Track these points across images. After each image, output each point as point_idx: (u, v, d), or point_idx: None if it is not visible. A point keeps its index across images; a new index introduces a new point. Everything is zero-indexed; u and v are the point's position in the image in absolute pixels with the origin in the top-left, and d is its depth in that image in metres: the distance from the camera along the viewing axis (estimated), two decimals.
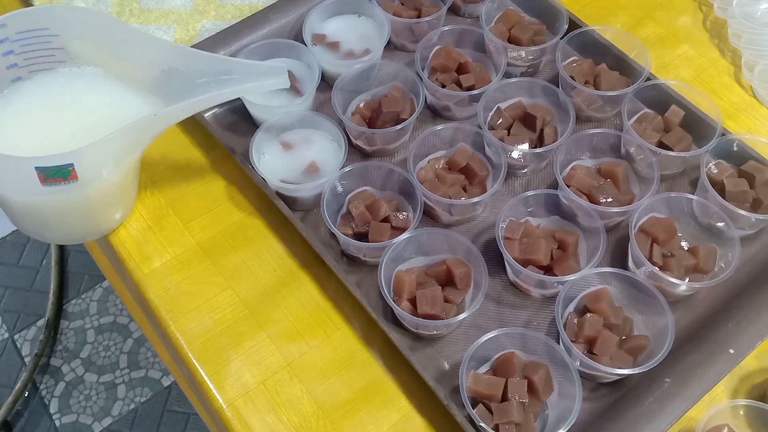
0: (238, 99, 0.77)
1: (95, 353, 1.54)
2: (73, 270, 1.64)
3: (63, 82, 0.67)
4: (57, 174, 0.56)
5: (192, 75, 0.66)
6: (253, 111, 0.78)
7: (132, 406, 1.47)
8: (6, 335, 1.56)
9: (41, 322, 1.56)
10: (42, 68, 0.66)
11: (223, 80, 0.67)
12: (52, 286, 1.59)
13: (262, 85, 0.69)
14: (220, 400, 0.63)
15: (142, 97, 0.67)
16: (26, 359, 1.52)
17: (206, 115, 0.80)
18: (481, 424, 0.57)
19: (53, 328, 1.56)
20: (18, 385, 1.46)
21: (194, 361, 0.66)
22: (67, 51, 0.66)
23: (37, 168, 0.55)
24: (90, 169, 0.59)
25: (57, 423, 1.45)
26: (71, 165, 0.56)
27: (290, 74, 0.79)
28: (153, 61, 0.67)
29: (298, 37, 0.82)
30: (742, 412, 0.61)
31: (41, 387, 1.50)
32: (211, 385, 0.64)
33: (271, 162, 0.74)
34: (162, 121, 0.64)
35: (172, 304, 0.68)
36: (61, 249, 1.64)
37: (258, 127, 0.74)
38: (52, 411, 1.47)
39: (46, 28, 0.63)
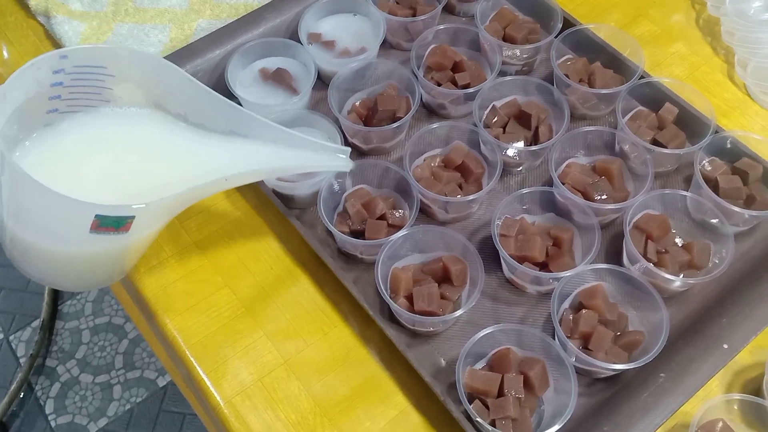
0: (234, 97, 0.77)
1: (91, 354, 1.53)
2: None
3: (111, 123, 0.62)
4: (113, 224, 0.51)
5: (254, 142, 0.63)
6: (249, 109, 0.78)
7: (128, 406, 1.47)
8: (1, 336, 1.56)
9: (36, 323, 1.56)
10: (84, 105, 0.61)
11: (288, 155, 0.63)
12: (47, 287, 1.59)
13: (325, 167, 0.67)
14: (218, 398, 0.64)
15: (199, 142, 0.63)
16: (21, 360, 1.52)
17: None
18: (477, 419, 0.58)
19: (48, 329, 1.56)
20: (13, 386, 1.46)
21: (192, 359, 0.66)
22: (114, 92, 0.61)
23: (96, 215, 0.50)
24: (144, 222, 0.55)
25: (53, 424, 1.45)
26: (132, 217, 0.52)
27: (285, 73, 0.79)
28: (214, 121, 0.63)
29: (294, 36, 0.82)
30: (736, 407, 0.62)
31: (37, 388, 1.49)
32: (208, 383, 0.64)
33: None
34: (229, 185, 0.60)
35: (169, 303, 0.68)
36: None
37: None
38: (47, 412, 1.46)
39: (104, 66, 0.59)
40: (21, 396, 1.47)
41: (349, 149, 0.66)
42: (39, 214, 0.54)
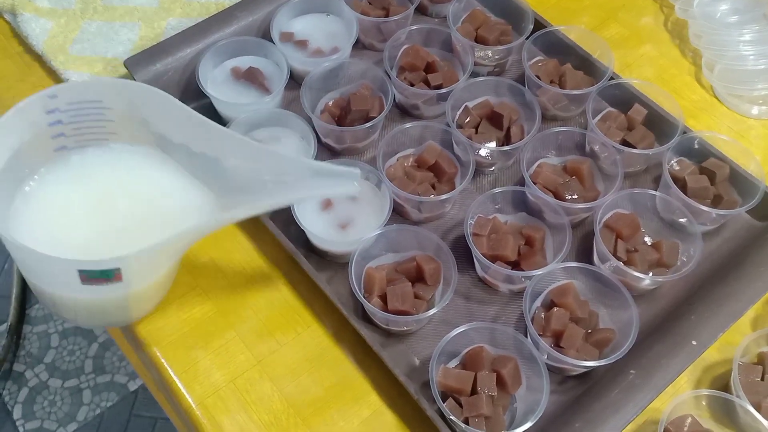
0: (205, 96, 0.76)
1: (59, 358, 1.51)
2: None
3: (112, 160, 0.61)
4: (101, 276, 0.51)
5: (257, 171, 0.60)
6: (221, 108, 0.78)
7: (98, 411, 1.45)
8: None
9: (3, 327, 1.53)
10: (91, 140, 0.60)
11: (288, 182, 0.60)
12: (14, 291, 1.56)
13: (334, 192, 0.64)
14: (190, 400, 0.63)
15: (194, 185, 0.61)
16: None
17: None
18: (451, 417, 0.58)
19: (16, 333, 1.52)
20: None
21: (162, 360, 0.65)
22: (116, 124, 0.60)
23: (79, 270, 0.50)
24: (137, 271, 0.54)
25: (21, 429, 1.42)
26: (118, 269, 0.51)
27: (257, 72, 0.79)
28: (214, 152, 0.60)
29: (266, 35, 0.82)
30: (704, 402, 0.62)
31: (4, 393, 1.46)
32: (180, 385, 0.64)
33: None
34: (223, 223, 0.59)
35: None
36: None
37: (226, 125, 0.74)
38: (15, 417, 1.44)
39: (99, 100, 0.57)
40: None
41: (358, 171, 0.61)
42: (37, 268, 0.54)
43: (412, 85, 0.79)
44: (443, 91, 0.77)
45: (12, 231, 0.51)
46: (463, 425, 0.58)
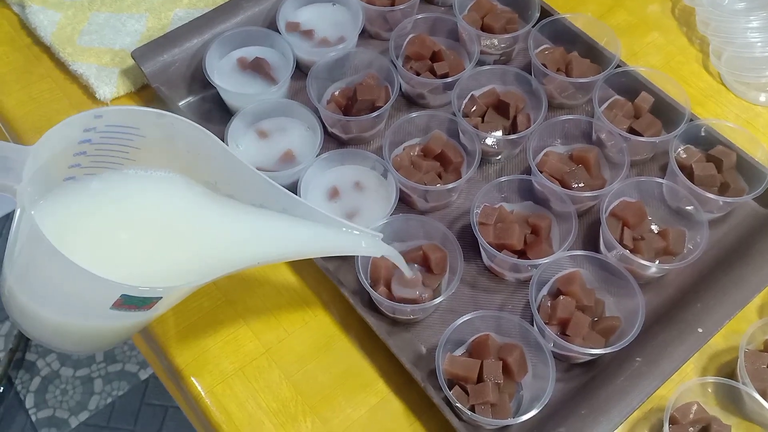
0: (212, 86, 0.77)
1: None
2: None
3: (135, 187, 0.57)
4: (137, 303, 0.48)
5: (285, 219, 0.59)
6: (227, 98, 0.78)
7: (109, 399, 1.47)
8: None
9: None
10: (108, 163, 0.56)
11: (321, 236, 0.59)
12: None
13: (357, 251, 0.62)
14: (199, 388, 0.64)
15: (226, 214, 0.58)
16: (0, 355, 1.51)
17: (180, 103, 0.80)
18: (457, 405, 0.58)
19: None
20: None
21: (173, 349, 0.66)
22: (141, 152, 0.57)
23: (122, 295, 0.47)
24: (168, 300, 0.52)
25: (33, 418, 1.44)
26: (159, 298, 0.49)
27: (263, 63, 0.79)
28: (245, 192, 0.58)
29: (272, 26, 0.82)
30: (710, 390, 0.63)
31: (16, 382, 1.48)
32: (189, 373, 0.64)
33: (247, 151, 0.74)
34: (257, 264, 0.56)
35: None
36: None
37: (233, 115, 0.74)
38: (28, 406, 1.45)
39: (136, 128, 0.55)
40: (1, 390, 1.46)
41: (381, 235, 0.61)
42: (55, 287, 0.50)
43: (418, 74, 0.79)
44: (449, 80, 0.77)
45: None
46: (469, 412, 0.58)
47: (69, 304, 0.51)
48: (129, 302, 0.48)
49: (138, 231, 0.56)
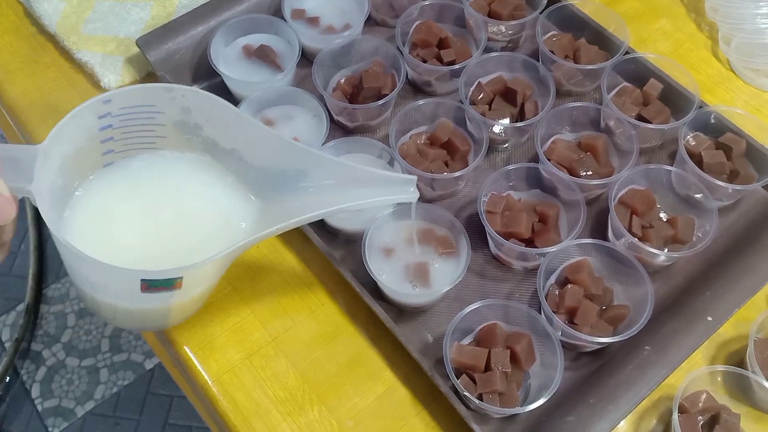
0: (217, 74, 0.76)
1: (76, 337, 1.53)
2: (52, 254, 1.63)
3: (160, 166, 0.59)
4: (162, 284, 0.50)
5: (317, 177, 0.58)
6: (233, 86, 0.78)
7: (115, 389, 1.47)
8: None
9: (21, 307, 1.55)
10: (139, 146, 0.58)
11: (348, 189, 0.58)
12: (31, 271, 1.57)
13: (390, 199, 0.61)
14: (206, 377, 0.64)
15: (240, 192, 0.60)
16: (6, 345, 1.51)
17: None
18: (465, 393, 0.58)
19: (33, 313, 1.55)
20: None
21: (180, 338, 0.65)
22: (167, 129, 0.58)
23: (142, 280, 0.49)
24: (197, 278, 0.54)
25: (39, 408, 1.44)
26: (180, 278, 0.51)
27: (269, 50, 0.79)
28: (267, 157, 0.59)
29: (278, 13, 0.81)
30: (720, 378, 0.62)
31: (22, 372, 1.49)
32: (196, 362, 0.64)
33: None
34: (283, 230, 0.56)
35: None
36: (40, 234, 1.63)
37: (238, 103, 0.74)
38: (34, 396, 1.46)
39: (152, 105, 0.56)
40: (7, 380, 1.47)
41: (415, 178, 0.59)
42: (90, 278, 0.53)
43: (424, 61, 0.78)
44: (456, 67, 0.76)
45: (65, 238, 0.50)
46: (477, 401, 0.58)
47: (112, 290, 0.53)
48: (154, 285, 0.50)
49: (165, 211, 0.58)
